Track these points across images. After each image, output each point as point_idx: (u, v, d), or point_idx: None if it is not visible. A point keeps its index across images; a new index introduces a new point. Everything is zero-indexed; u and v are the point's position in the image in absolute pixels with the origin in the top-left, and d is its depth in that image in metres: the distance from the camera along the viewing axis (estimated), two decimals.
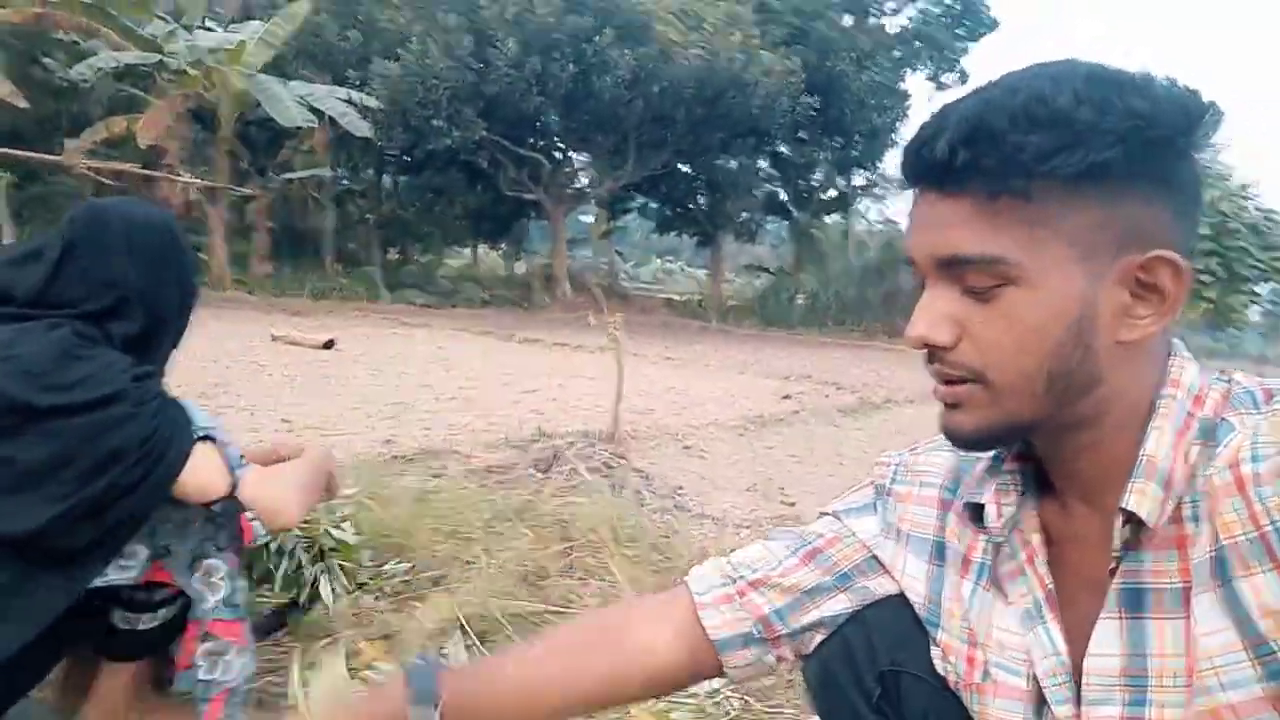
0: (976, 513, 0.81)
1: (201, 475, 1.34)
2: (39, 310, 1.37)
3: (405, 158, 19.30)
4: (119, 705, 1.50)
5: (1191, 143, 0.69)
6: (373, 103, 15.97)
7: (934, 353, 0.72)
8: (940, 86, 22.63)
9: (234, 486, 1.36)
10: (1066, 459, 0.75)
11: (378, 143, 16.93)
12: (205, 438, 1.37)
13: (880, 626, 0.88)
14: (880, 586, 0.89)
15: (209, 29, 15.85)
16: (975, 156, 0.67)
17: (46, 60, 15.74)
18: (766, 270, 22.98)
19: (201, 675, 1.42)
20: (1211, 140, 0.70)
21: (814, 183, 22.62)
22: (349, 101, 15.66)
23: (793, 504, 3.90)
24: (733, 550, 0.96)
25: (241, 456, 1.42)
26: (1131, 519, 0.68)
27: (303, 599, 1.95)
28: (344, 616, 2.04)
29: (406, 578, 2.31)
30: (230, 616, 1.44)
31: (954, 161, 0.67)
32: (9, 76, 13.76)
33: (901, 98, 21.11)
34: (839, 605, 0.89)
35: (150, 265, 1.45)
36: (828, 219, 24.03)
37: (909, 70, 22.04)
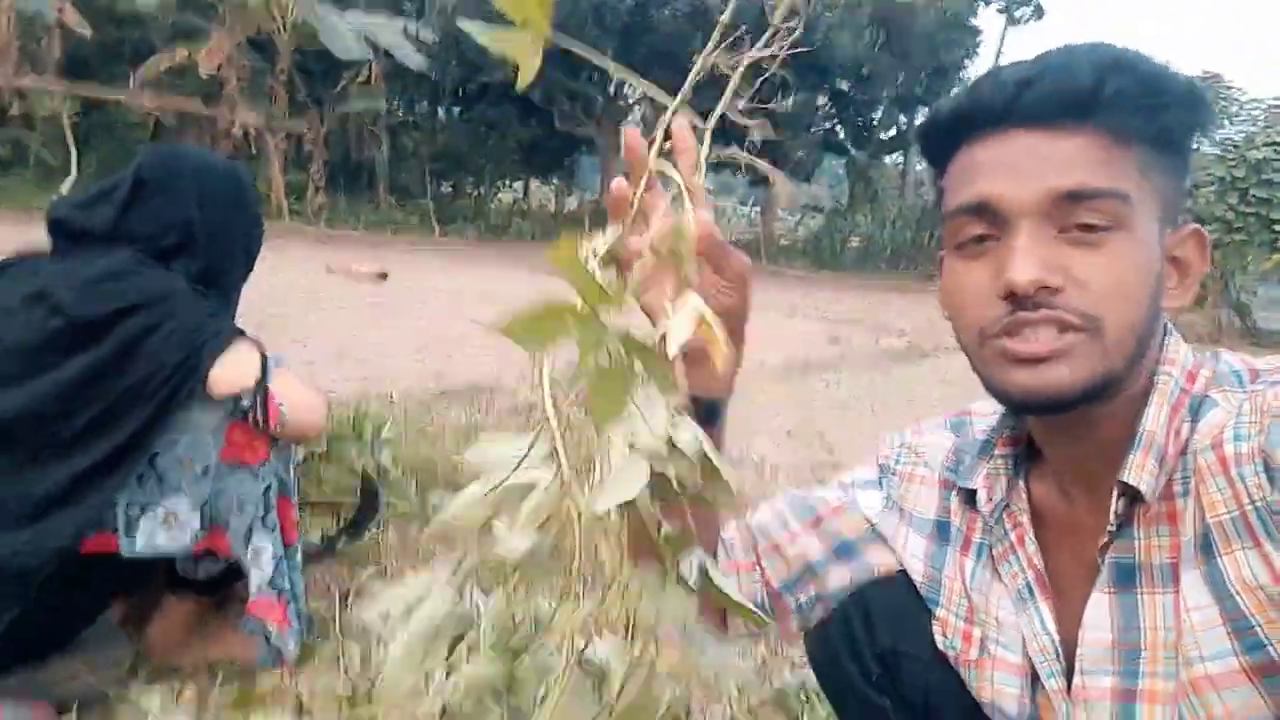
0: (971, 497, 0.83)
1: (233, 366, 1.42)
2: (110, 245, 1.46)
3: (459, 91, 19.20)
4: (181, 627, 1.61)
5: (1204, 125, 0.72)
6: (429, 35, 15.86)
7: (1039, 299, 0.66)
8: (1014, 22, 21.63)
9: (264, 376, 1.43)
10: (1073, 433, 0.74)
11: (432, 76, 16.85)
12: (244, 338, 1.45)
13: (879, 607, 0.91)
14: (880, 559, 0.91)
15: None
16: (1125, 85, 0.66)
17: None
18: (820, 210, 22.52)
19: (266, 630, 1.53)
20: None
21: (874, 120, 21.98)
22: (405, 33, 15.57)
23: (832, 451, 3.92)
24: (762, 499, 0.98)
25: (279, 357, 1.51)
26: (1126, 492, 0.69)
27: (349, 529, 2.04)
28: (389, 545, 2.14)
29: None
30: (273, 598, 1.51)
31: (1100, 90, 0.66)
32: (75, 4, 13.96)
33: (972, 33, 20.25)
34: (840, 580, 0.92)
35: (217, 210, 1.54)
36: (886, 159, 23.39)
37: (981, 4, 21.09)
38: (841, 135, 22.01)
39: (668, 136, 0.69)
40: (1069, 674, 0.76)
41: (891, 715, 0.91)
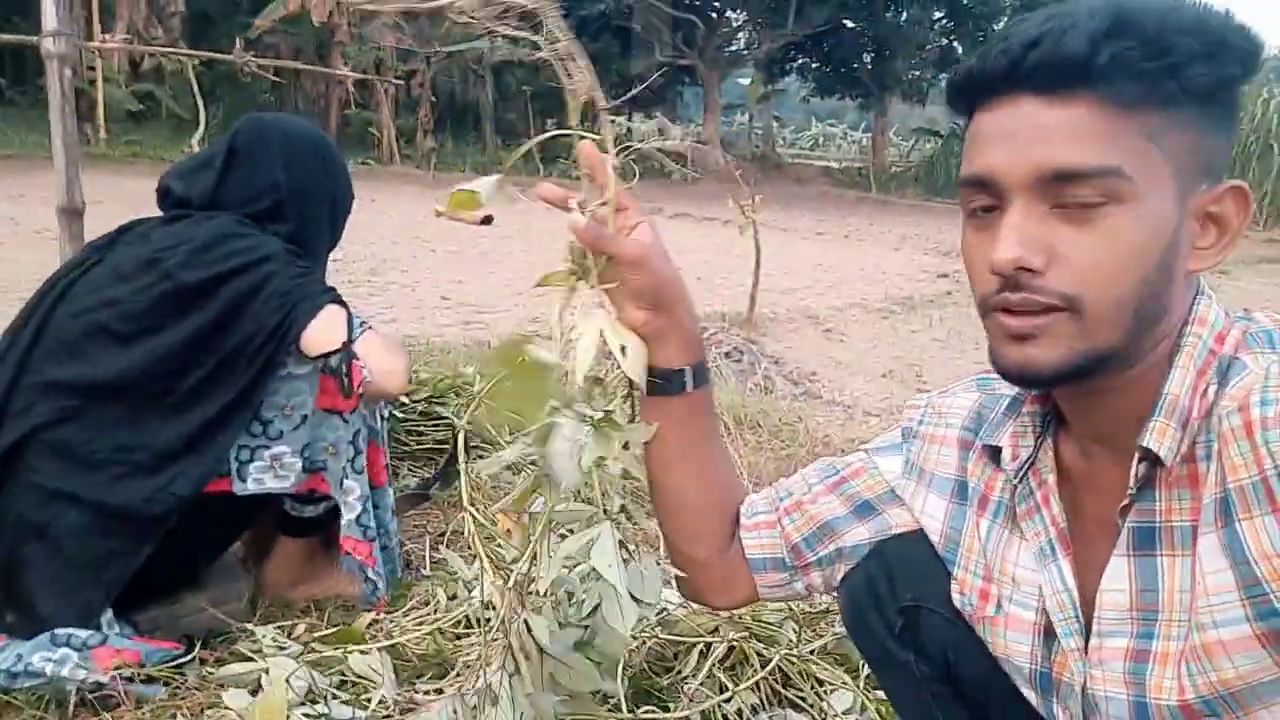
0: (995, 454, 0.83)
1: (324, 329, 1.52)
2: (212, 211, 1.59)
3: None
4: (293, 566, 1.76)
5: (1250, 72, 0.68)
6: None
7: (1020, 279, 0.67)
8: None
9: (350, 341, 1.53)
10: (1095, 400, 0.74)
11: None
12: (336, 301, 1.55)
13: (900, 562, 0.92)
14: (898, 519, 0.93)
15: None
16: (1121, 52, 0.64)
17: None
18: (936, 134, 21.48)
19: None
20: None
21: (996, 33, 20.66)
22: None
23: (929, 390, 3.85)
24: (855, 440, 1.02)
25: (364, 322, 1.60)
26: (1147, 456, 0.69)
27: (440, 477, 2.17)
28: (483, 490, 2.26)
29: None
30: (360, 536, 1.62)
31: (1094, 57, 0.64)
32: None
33: None
34: (859, 537, 0.94)
35: (301, 174, 1.65)
36: None
37: None
38: (959, 52, 20.76)
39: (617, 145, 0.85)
40: (1086, 634, 0.77)
41: (915, 668, 0.94)
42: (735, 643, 1.45)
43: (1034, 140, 0.66)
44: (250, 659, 1.44)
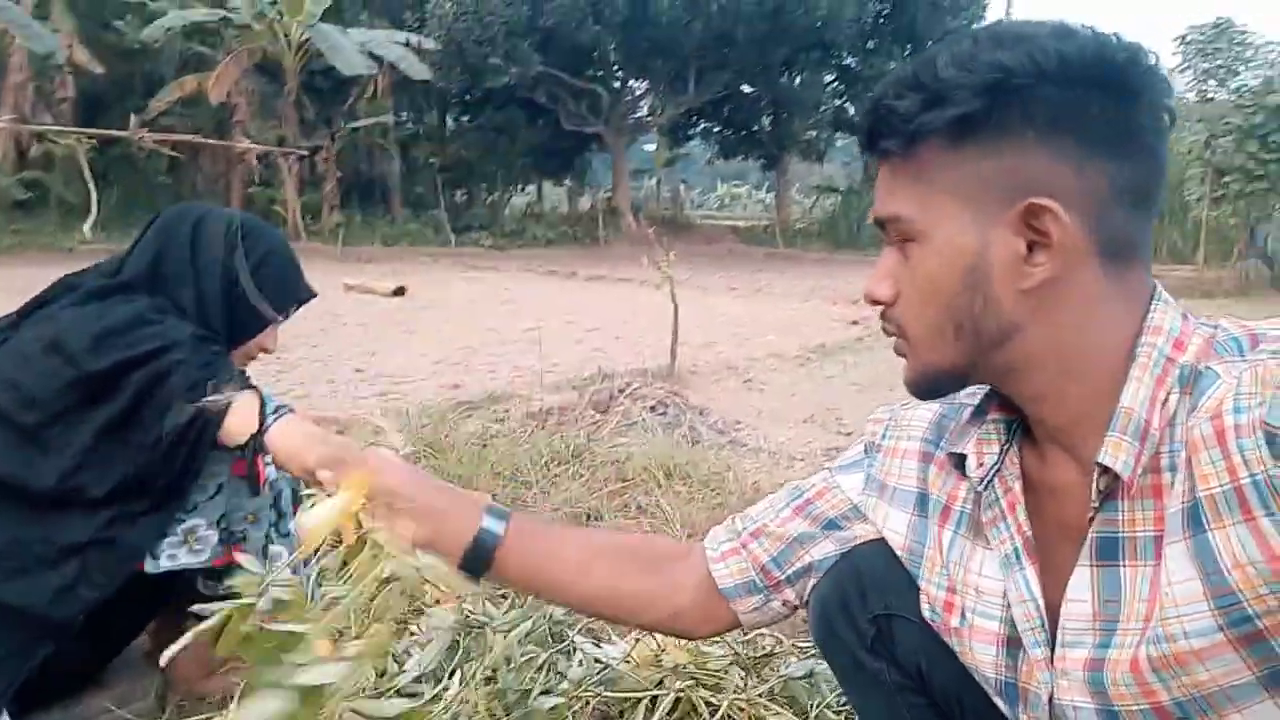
0: (960, 462, 0.83)
1: (236, 419, 1.42)
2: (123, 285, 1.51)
3: (465, 98, 19.33)
4: (206, 656, 1.64)
5: (1101, 89, 0.68)
6: (431, 44, 15.98)
7: (881, 311, 0.78)
8: None
9: (261, 431, 1.41)
10: (1027, 407, 0.76)
11: (437, 84, 16.98)
12: (249, 387, 1.47)
13: (871, 571, 0.92)
14: (864, 532, 0.93)
15: None
16: (871, 124, 0.74)
17: (118, 24, 16.18)
18: (836, 190, 22.37)
19: None
20: (1143, 82, 0.69)
21: None
22: (407, 45, 15.69)
23: (849, 434, 3.91)
24: (784, 483, 1.02)
25: (281, 407, 1.48)
26: (1107, 471, 0.69)
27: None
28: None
29: None
30: None
31: (871, 127, 0.74)
32: (84, 43, 14.23)
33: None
34: (826, 550, 0.94)
35: (202, 249, 1.56)
36: None
37: None
38: (851, 113, 21.82)
39: None
40: (1052, 644, 0.77)
41: (888, 678, 0.93)
42: (681, 693, 1.41)
43: (876, 193, 0.78)
44: None
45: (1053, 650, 0.76)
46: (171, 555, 1.44)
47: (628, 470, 2.85)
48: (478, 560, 0.93)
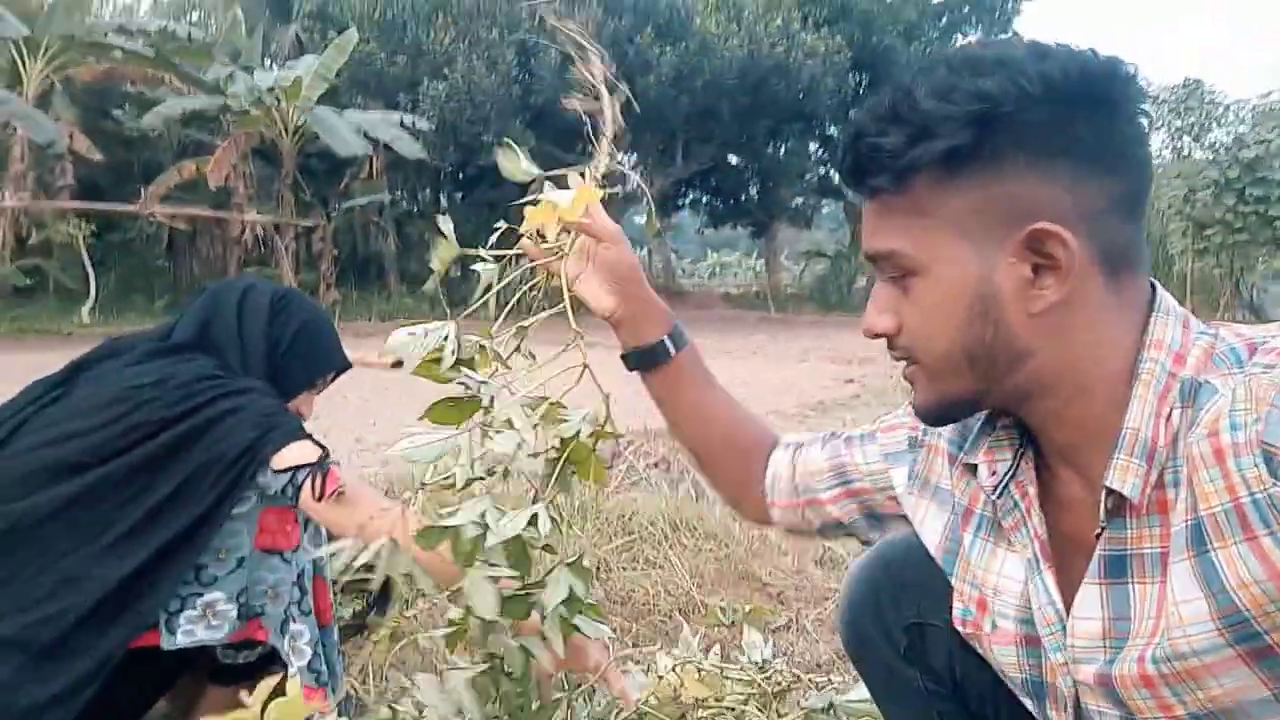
0: (974, 471, 0.83)
1: (297, 450, 1.41)
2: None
3: (459, 175, 19.69)
4: None
5: (1086, 107, 0.68)
6: (424, 124, 16.35)
7: (885, 343, 0.78)
8: None
9: (326, 453, 1.43)
10: (1038, 428, 0.76)
11: (432, 163, 17.32)
12: (311, 438, 1.47)
13: (906, 579, 0.94)
14: (905, 528, 0.96)
15: (266, 69, 16.44)
16: (855, 161, 0.74)
17: (117, 113, 16.55)
18: (824, 255, 22.70)
19: None
20: (1124, 94, 0.69)
21: None
22: (402, 125, 16.06)
23: None
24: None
25: (335, 461, 1.50)
26: (1114, 493, 0.69)
27: (374, 606, 2.07)
28: (419, 619, 2.17)
29: None
30: (313, 683, 1.51)
31: (853, 164, 0.75)
32: (83, 131, 14.53)
33: None
34: (864, 526, 1.00)
35: (247, 314, 1.59)
36: None
37: (960, 35, 21.49)
38: (837, 180, 22.26)
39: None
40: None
41: (921, 685, 0.94)
42: None
43: (863, 230, 0.77)
44: None
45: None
46: (189, 630, 1.42)
47: (634, 525, 2.85)
48: (642, 362, 1.04)
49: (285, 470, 1.41)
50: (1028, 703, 0.83)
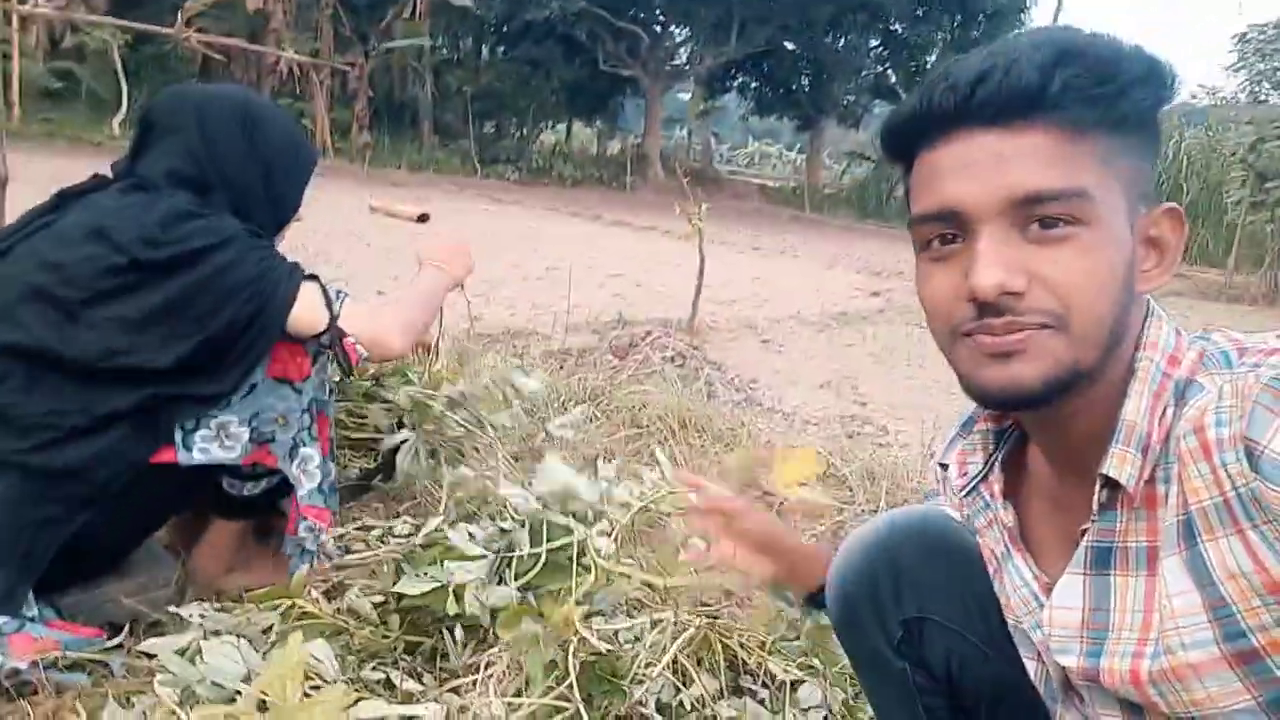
0: (944, 470, 0.85)
1: (305, 311, 1.46)
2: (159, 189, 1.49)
3: (503, 28, 18.99)
4: (224, 553, 1.68)
5: (1161, 94, 0.71)
6: None
7: (1003, 303, 0.67)
8: None
9: (334, 318, 1.47)
10: (1057, 426, 0.74)
11: (477, 12, 16.67)
12: (310, 277, 1.49)
13: (910, 571, 0.93)
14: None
15: None
16: (1072, 78, 0.66)
17: None
18: (868, 158, 22.02)
19: (307, 545, 1.60)
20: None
21: (928, 65, 21.30)
22: None
23: (865, 403, 3.92)
24: (795, 445, 1.05)
25: (340, 292, 1.53)
26: (1109, 483, 0.70)
27: (384, 467, 2.10)
28: (424, 482, 2.20)
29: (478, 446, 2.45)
30: (321, 504, 1.59)
31: (1047, 86, 0.65)
32: None
33: None
34: None
35: (223, 140, 1.53)
36: None
37: None
38: (893, 80, 21.37)
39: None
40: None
41: (910, 679, 0.94)
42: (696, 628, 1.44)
43: (998, 168, 0.67)
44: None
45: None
46: (204, 449, 1.47)
47: (643, 418, 2.86)
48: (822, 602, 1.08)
49: (307, 340, 1.43)
50: (1050, 705, 0.84)
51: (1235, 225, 10.48)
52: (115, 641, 1.37)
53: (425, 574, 1.42)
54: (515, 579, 1.45)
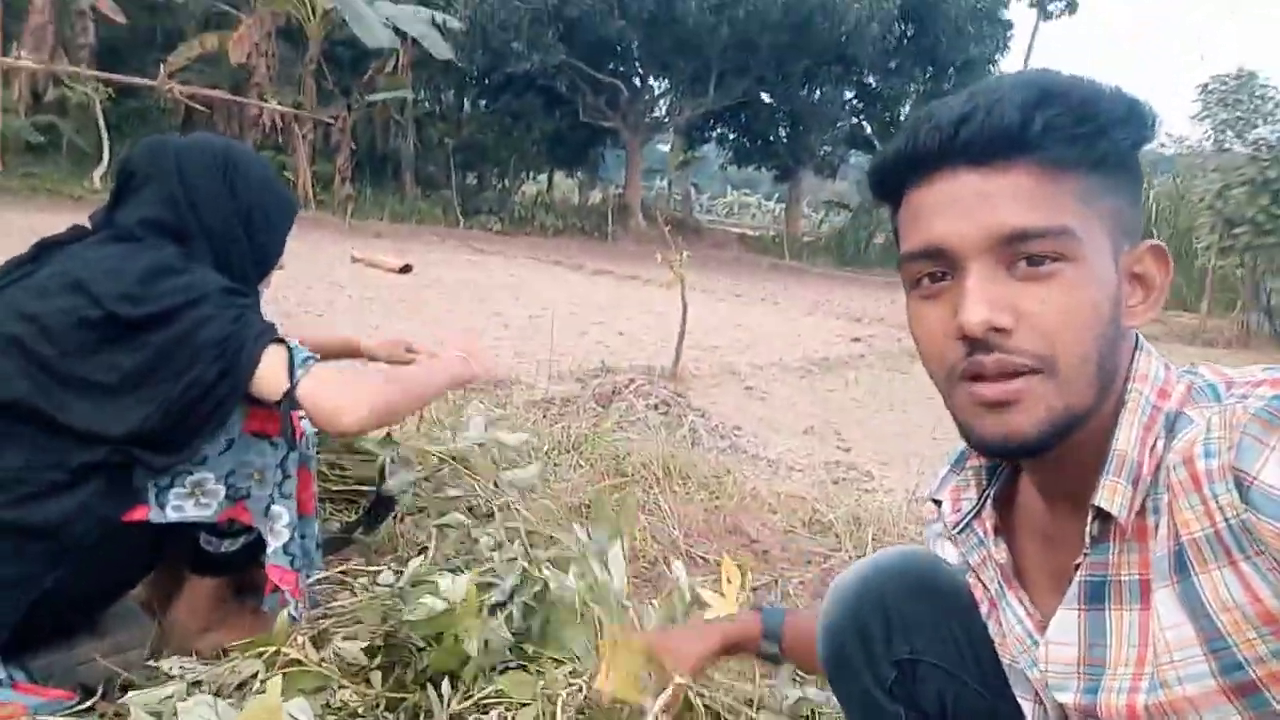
0: (939, 506, 0.85)
1: (268, 373, 1.40)
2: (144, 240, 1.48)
3: (484, 81, 19.28)
4: (201, 610, 1.64)
5: (1141, 135, 0.72)
6: (455, 24, 15.93)
7: (991, 340, 0.67)
8: (1046, 16, 21.37)
9: (292, 387, 1.39)
10: (1055, 457, 0.73)
11: (458, 65, 16.94)
12: (279, 340, 1.45)
13: (900, 612, 0.92)
14: None
15: None
16: (1053, 118, 0.66)
17: None
18: (846, 207, 22.39)
19: (290, 610, 1.56)
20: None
21: (901, 116, 21.79)
22: (432, 23, 15.64)
23: (848, 449, 3.92)
24: (781, 493, 1.05)
25: (309, 358, 1.44)
26: (1100, 515, 0.70)
27: (365, 521, 2.07)
28: (406, 537, 2.17)
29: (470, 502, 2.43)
30: (287, 565, 1.52)
31: (1028, 126, 0.66)
32: None
33: (1003, 27, 19.95)
34: None
35: (203, 187, 1.52)
36: None
37: None
38: (868, 131, 21.83)
39: None
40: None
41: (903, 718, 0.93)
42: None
43: (982, 206, 0.68)
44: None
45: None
46: (178, 506, 1.43)
47: (627, 466, 2.85)
48: (770, 660, 1.20)
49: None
50: None
51: (1206, 269, 10.69)
52: (87, 704, 1.33)
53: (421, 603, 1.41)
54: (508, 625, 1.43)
